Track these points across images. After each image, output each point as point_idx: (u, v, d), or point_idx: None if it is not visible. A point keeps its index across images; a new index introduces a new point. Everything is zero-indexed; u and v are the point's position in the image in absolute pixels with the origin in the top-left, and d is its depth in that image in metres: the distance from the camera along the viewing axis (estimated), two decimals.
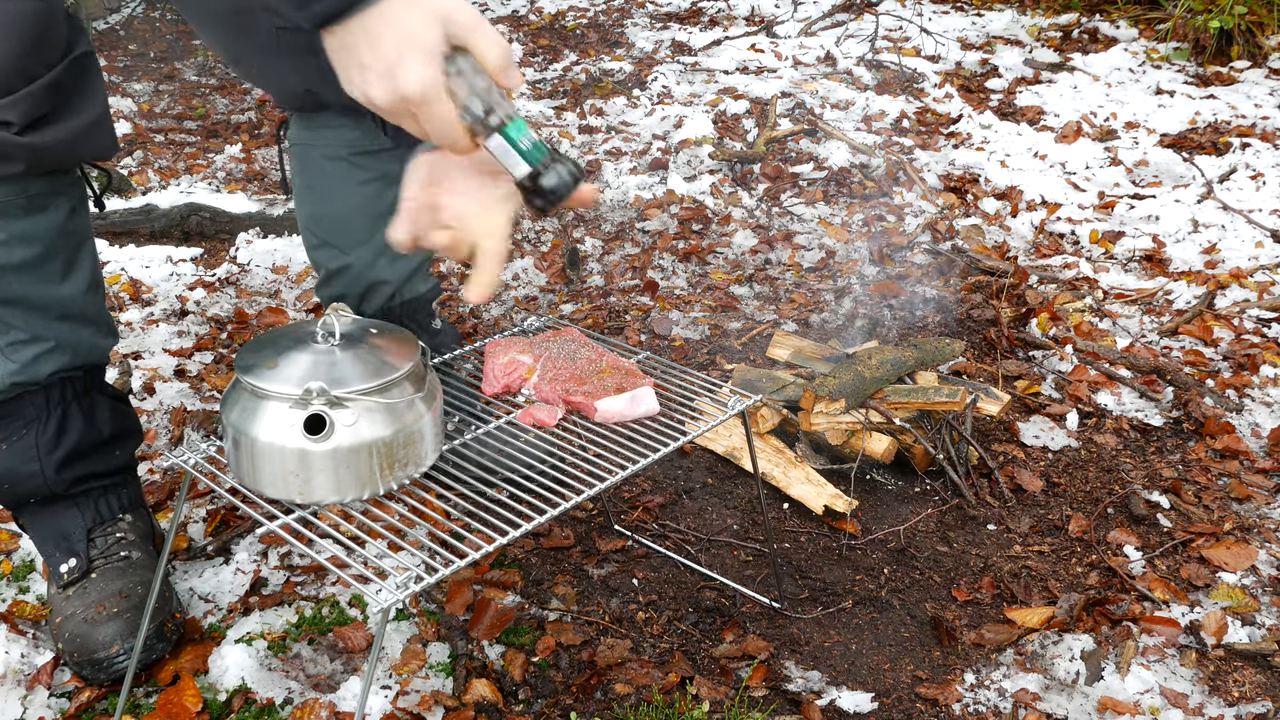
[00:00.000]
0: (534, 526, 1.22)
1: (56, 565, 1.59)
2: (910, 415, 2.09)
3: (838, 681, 1.62)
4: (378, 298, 1.79)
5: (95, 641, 1.49)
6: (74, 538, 1.59)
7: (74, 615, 1.53)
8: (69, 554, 1.58)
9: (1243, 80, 4.82)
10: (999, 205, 3.44)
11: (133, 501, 1.66)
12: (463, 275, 2.88)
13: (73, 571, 1.57)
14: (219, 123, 4.08)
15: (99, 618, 1.51)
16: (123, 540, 1.61)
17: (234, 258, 2.93)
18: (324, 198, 1.75)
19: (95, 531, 1.60)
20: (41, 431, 1.53)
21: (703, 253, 3.07)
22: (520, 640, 1.66)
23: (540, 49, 5.16)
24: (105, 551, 1.59)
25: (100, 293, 1.59)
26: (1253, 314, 2.74)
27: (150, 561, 1.61)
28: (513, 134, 1.10)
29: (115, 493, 1.64)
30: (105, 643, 1.49)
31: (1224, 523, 1.97)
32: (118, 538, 1.61)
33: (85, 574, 1.57)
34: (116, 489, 1.64)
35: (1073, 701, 1.58)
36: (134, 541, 1.61)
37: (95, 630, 1.50)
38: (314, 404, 1.16)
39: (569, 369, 1.46)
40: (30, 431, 1.53)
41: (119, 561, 1.58)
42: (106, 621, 1.50)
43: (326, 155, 1.71)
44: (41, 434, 1.53)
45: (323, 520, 1.26)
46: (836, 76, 4.69)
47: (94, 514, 1.61)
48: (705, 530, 1.95)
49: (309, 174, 1.75)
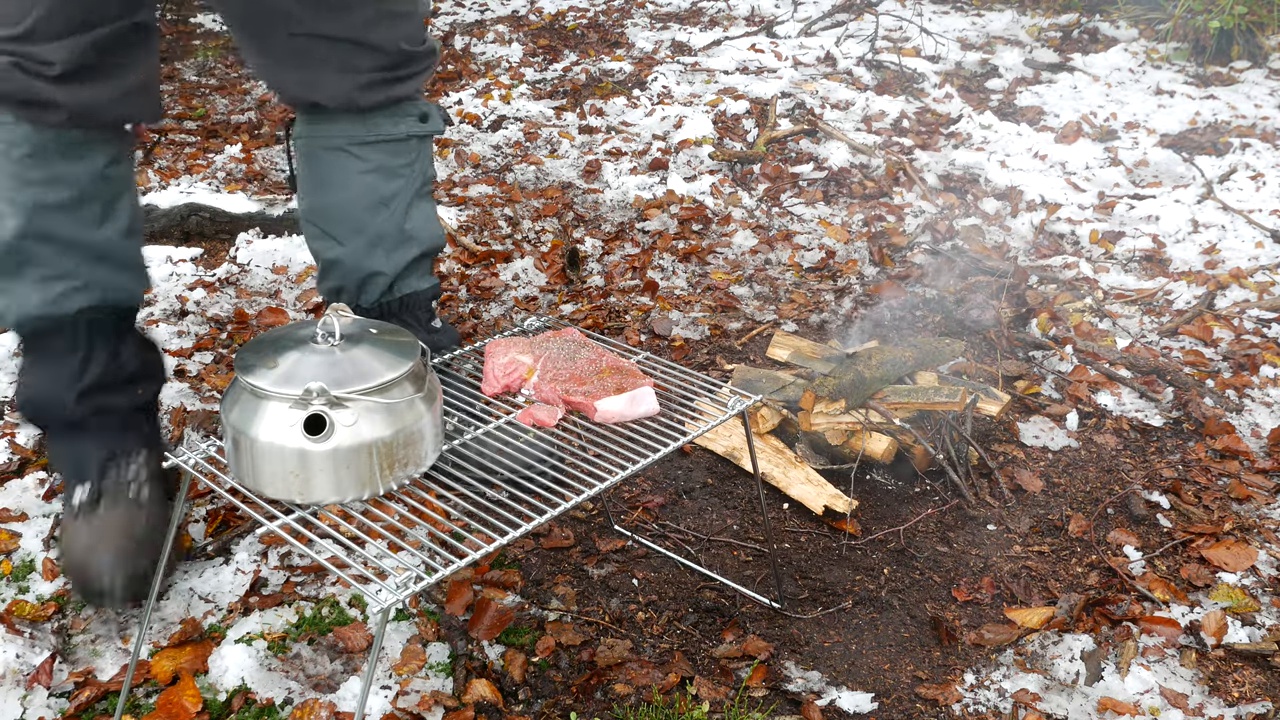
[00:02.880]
0: (534, 526, 1.22)
1: (71, 491, 1.63)
2: (910, 415, 2.09)
3: (838, 681, 1.62)
4: (374, 289, 1.80)
5: (91, 570, 1.54)
6: (88, 465, 1.63)
7: (78, 543, 1.57)
8: (82, 479, 1.62)
9: (1243, 80, 4.82)
10: (999, 205, 3.44)
11: (150, 441, 1.70)
12: (463, 275, 2.88)
13: (84, 498, 1.61)
14: (219, 123, 4.08)
15: (100, 548, 1.55)
16: (135, 476, 1.64)
17: (234, 258, 2.93)
18: (323, 188, 1.77)
19: (109, 463, 1.63)
20: (66, 364, 1.59)
21: (703, 253, 3.07)
22: (520, 640, 1.66)
23: (540, 49, 5.16)
24: (117, 483, 1.62)
25: (137, 240, 1.66)
26: (1253, 314, 2.74)
27: (160, 499, 1.65)
28: None
29: (134, 430, 1.68)
30: (103, 571, 1.54)
31: (1224, 523, 1.97)
32: (131, 472, 1.64)
33: (95, 502, 1.60)
34: (135, 426, 1.68)
35: (1073, 702, 1.58)
36: (145, 479, 1.65)
37: (93, 559, 1.54)
38: (314, 404, 1.16)
39: (569, 369, 1.46)
40: (57, 363, 1.60)
41: (128, 496, 1.62)
42: (105, 553, 1.55)
43: (326, 147, 1.74)
44: (66, 366, 1.59)
45: (323, 520, 1.26)
46: (836, 76, 4.69)
47: (110, 446, 1.64)
48: (705, 530, 1.95)
49: (311, 166, 1.78)
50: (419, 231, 1.79)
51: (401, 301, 1.82)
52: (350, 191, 1.74)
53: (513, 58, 5.00)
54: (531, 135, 3.96)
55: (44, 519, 1.87)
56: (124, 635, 1.65)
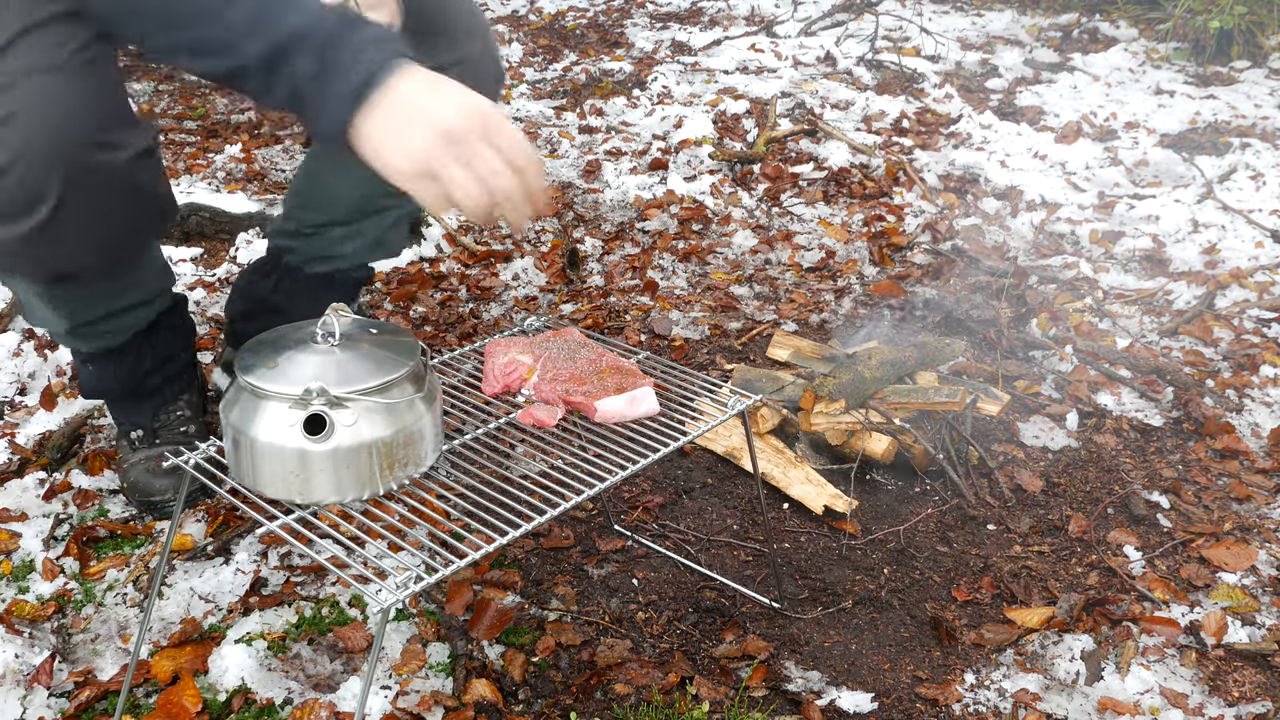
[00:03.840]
0: (534, 526, 1.21)
1: (126, 432, 1.92)
2: (910, 415, 2.09)
3: (838, 681, 1.62)
4: (322, 266, 1.98)
5: (154, 488, 1.87)
6: (141, 417, 1.91)
7: (138, 464, 1.88)
8: (136, 427, 1.91)
9: (1243, 80, 4.82)
10: (999, 205, 3.44)
11: (189, 383, 1.95)
12: (463, 275, 2.88)
13: (139, 439, 1.91)
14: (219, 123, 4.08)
15: (158, 471, 1.87)
16: (181, 416, 1.92)
17: (234, 258, 2.92)
18: (328, 171, 1.91)
19: (159, 411, 1.91)
20: (117, 364, 1.82)
21: (703, 253, 3.07)
22: (520, 640, 1.66)
23: (540, 49, 5.16)
24: (168, 424, 1.91)
25: (168, 275, 1.85)
26: (1253, 314, 2.74)
27: (204, 433, 1.95)
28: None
29: (177, 380, 1.93)
30: (161, 490, 1.87)
31: (1224, 523, 1.97)
32: (177, 414, 1.92)
33: (150, 443, 1.90)
34: (178, 377, 1.93)
35: (1073, 701, 1.58)
36: (190, 417, 1.93)
37: (154, 480, 1.87)
38: (314, 404, 1.16)
39: (569, 369, 1.46)
40: (107, 364, 1.83)
41: (179, 434, 1.91)
42: (162, 476, 1.87)
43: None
44: (118, 366, 1.83)
45: (323, 520, 1.26)
46: (836, 76, 4.69)
47: (158, 400, 1.91)
48: (705, 530, 1.95)
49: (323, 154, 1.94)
50: (395, 244, 2.02)
51: (338, 275, 2.00)
52: (352, 181, 1.85)
53: (513, 57, 5.00)
54: (531, 135, 3.96)
55: (44, 519, 1.87)
56: (124, 635, 1.65)
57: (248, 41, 1.17)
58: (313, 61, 1.16)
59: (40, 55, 1.33)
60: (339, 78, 1.15)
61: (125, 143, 1.42)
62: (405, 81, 1.16)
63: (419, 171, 1.16)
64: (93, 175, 1.38)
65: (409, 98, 1.16)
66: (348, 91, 1.15)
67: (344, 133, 1.17)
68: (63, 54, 1.34)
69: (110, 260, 1.58)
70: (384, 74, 1.15)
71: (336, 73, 1.15)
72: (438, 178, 1.16)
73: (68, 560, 1.77)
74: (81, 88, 1.35)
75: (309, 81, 1.16)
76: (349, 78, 1.15)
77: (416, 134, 1.15)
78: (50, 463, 2.01)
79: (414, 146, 1.15)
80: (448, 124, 1.15)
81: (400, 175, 1.17)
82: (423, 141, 1.15)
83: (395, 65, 1.16)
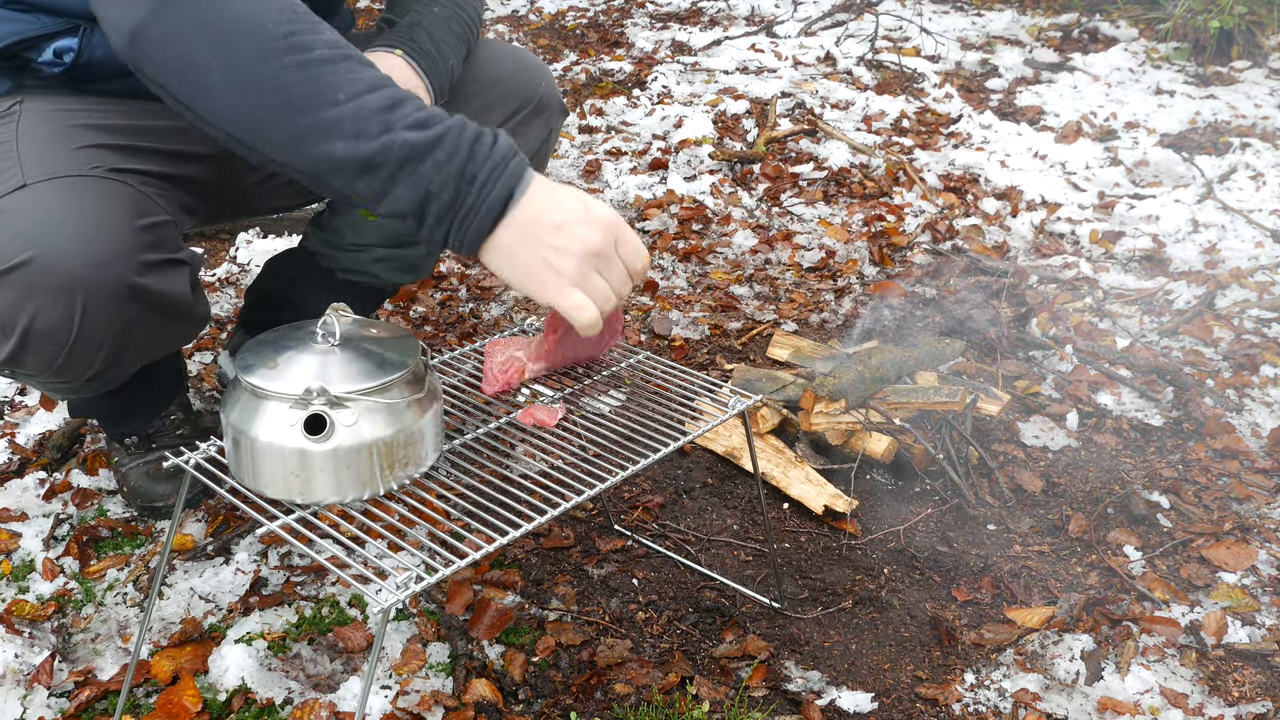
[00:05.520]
0: (534, 526, 1.21)
1: (120, 439, 1.91)
2: (910, 415, 2.09)
3: (838, 681, 1.62)
4: (353, 277, 1.98)
5: (155, 493, 1.88)
6: (135, 429, 1.90)
7: (136, 469, 1.89)
8: (131, 434, 1.90)
9: (1243, 80, 4.82)
10: (999, 205, 3.44)
11: (178, 388, 1.94)
12: (463, 275, 2.88)
13: (134, 444, 1.90)
14: None
15: (158, 475, 1.88)
16: (175, 420, 1.92)
17: (234, 258, 2.93)
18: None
19: (153, 421, 1.90)
20: (106, 397, 1.79)
21: (703, 253, 3.07)
22: (520, 640, 1.66)
23: (540, 49, 5.16)
24: (163, 429, 1.90)
25: (182, 379, 1.92)
26: (1253, 314, 2.74)
27: (199, 432, 1.94)
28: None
29: (167, 391, 1.92)
30: (163, 495, 1.89)
31: (1224, 523, 1.97)
32: (171, 419, 1.92)
33: (147, 447, 1.90)
34: (169, 387, 1.92)
35: (1073, 701, 1.58)
36: (182, 419, 1.93)
37: (155, 485, 1.88)
38: (314, 404, 1.16)
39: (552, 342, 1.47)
40: (98, 399, 1.82)
41: (175, 437, 1.91)
42: (164, 480, 1.89)
43: None
44: (105, 399, 1.80)
45: (323, 520, 1.26)
46: (836, 76, 4.69)
47: (149, 413, 1.90)
48: (705, 530, 1.95)
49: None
50: (427, 269, 2.01)
51: (362, 285, 1.99)
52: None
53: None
54: None
55: (44, 519, 1.87)
56: (124, 634, 1.65)
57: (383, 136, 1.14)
58: (450, 180, 1.15)
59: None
60: (479, 195, 1.15)
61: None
62: (538, 201, 1.17)
63: (569, 288, 1.19)
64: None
65: (547, 215, 1.17)
66: (486, 210, 1.15)
67: (479, 248, 1.18)
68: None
69: (130, 372, 1.59)
70: (519, 191, 1.16)
71: (473, 191, 1.15)
72: (580, 290, 1.19)
73: (68, 560, 1.78)
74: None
75: (442, 202, 1.15)
76: (487, 195, 1.15)
77: (568, 257, 1.17)
78: (50, 462, 2.01)
79: (567, 268, 1.18)
80: (595, 245, 1.18)
81: (547, 291, 1.19)
82: (574, 265, 1.18)
83: (527, 180, 1.17)
